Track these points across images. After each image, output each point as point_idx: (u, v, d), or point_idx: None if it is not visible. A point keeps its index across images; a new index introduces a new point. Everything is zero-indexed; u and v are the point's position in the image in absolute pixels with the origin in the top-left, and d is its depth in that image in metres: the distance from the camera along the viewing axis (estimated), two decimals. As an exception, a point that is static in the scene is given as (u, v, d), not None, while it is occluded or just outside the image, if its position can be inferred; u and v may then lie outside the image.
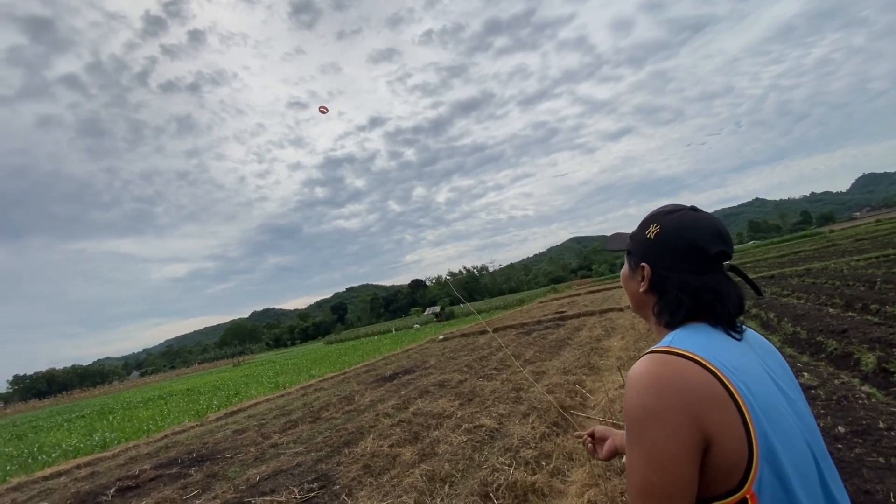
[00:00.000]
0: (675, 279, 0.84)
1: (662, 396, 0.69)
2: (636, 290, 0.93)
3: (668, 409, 0.68)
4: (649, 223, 0.91)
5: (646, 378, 0.72)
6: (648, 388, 0.71)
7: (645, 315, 0.94)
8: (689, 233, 0.84)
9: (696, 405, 0.68)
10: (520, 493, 3.30)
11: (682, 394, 0.69)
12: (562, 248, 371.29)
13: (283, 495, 4.22)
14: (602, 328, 11.49)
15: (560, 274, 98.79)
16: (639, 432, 0.70)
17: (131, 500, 5.26)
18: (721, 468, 0.68)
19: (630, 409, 0.72)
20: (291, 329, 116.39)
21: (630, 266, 0.96)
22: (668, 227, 0.86)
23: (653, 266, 0.88)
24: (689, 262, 0.83)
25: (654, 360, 0.74)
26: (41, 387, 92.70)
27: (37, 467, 8.35)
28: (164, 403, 16.81)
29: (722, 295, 0.81)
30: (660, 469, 0.68)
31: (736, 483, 0.68)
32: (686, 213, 0.87)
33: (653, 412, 0.69)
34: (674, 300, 0.84)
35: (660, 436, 0.68)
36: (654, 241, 0.88)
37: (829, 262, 16.03)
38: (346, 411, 7.75)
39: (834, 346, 5.26)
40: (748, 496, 0.67)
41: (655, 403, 0.69)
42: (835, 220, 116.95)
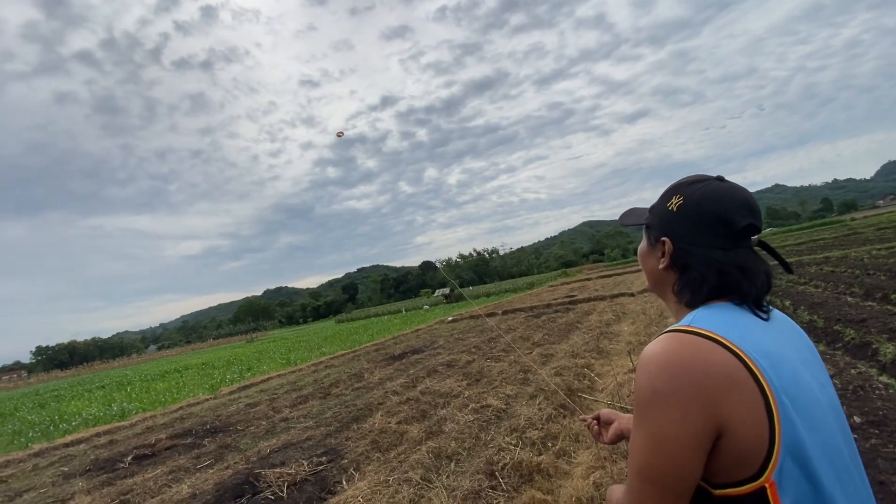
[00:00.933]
0: (698, 254, 0.77)
1: (675, 378, 0.65)
2: (655, 267, 0.86)
3: (678, 393, 0.64)
4: (671, 194, 0.84)
5: (660, 358, 0.68)
6: (661, 368, 0.67)
7: (663, 294, 0.88)
8: (716, 204, 0.77)
9: (711, 389, 0.63)
10: (525, 472, 3.32)
11: (697, 377, 0.64)
12: (574, 233, 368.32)
13: (293, 467, 4.30)
14: (612, 313, 11.41)
15: (571, 258, 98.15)
16: (645, 413, 0.67)
17: (147, 467, 5.43)
18: (737, 455, 0.64)
19: (639, 389, 0.69)
20: (303, 307, 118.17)
21: (649, 241, 0.89)
22: (693, 198, 0.79)
23: (674, 240, 0.81)
24: (714, 236, 0.76)
25: (672, 340, 0.69)
26: (63, 358, 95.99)
27: (58, 434, 8.67)
28: (179, 377, 17.27)
29: (750, 272, 0.75)
30: (661, 453, 0.65)
31: (755, 470, 0.64)
32: (712, 183, 0.80)
33: (662, 394, 0.66)
34: (697, 277, 0.77)
35: (666, 419, 0.65)
36: (677, 213, 0.81)
37: (850, 250, 15.63)
38: (356, 388, 7.86)
39: (851, 335, 5.14)
40: (767, 485, 0.63)
41: (666, 385, 0.65)
42: (857, 208, 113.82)
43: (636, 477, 0.69)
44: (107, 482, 5.11)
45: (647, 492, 0.68)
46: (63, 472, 5.89)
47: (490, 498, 3.05)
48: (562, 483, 3.20)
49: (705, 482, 0.68)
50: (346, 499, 3.45)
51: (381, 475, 3.78)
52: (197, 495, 4.17)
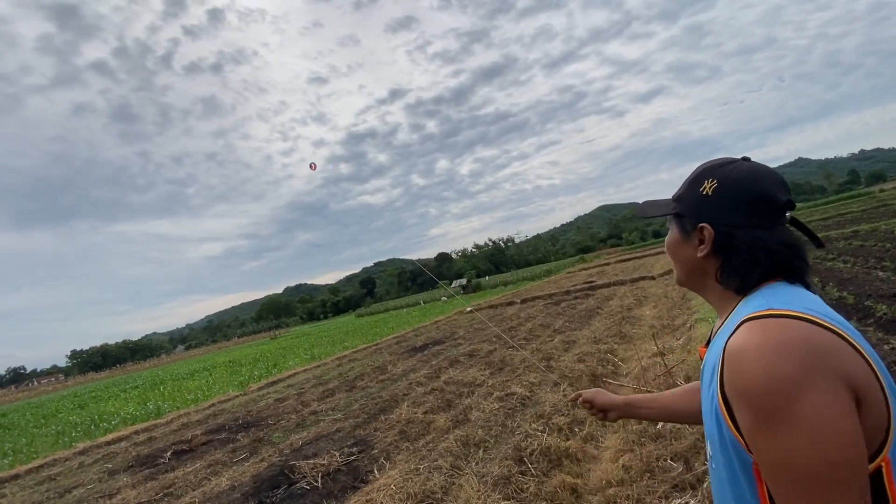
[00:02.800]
0: (744, 236, 0.73)
1: (805, 361, 0.58)
2: (692, 257, 0.81)
3: (819, 374, 0.57)
4: (703, 179, 0.80)
5: (776, 345, 0.60)
6: (785, 354, 0.58)
7: (702, 284, 0.83)
8: (755, 183, 0.74)
9: (842, 365, 0.58)
10: (554, 457, 3.36)
11: (825, 356, 0.58)
12: (590, 217, 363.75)
13: (326, 458, 4.44)
14: (633, 297, 11.31)
15: (588, 243, 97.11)
16: (787, 408, 0.57)
17: (186, 461, 5.66)
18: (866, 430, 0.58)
19: (766, 386, 0.59)
20: (323, 303, 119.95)
21: (681, 231, 0.83)
22: (728, 179, 0.76)
23: (715, 225, 0.76)
24: (758, 216, 0.73)
25: (774, 326, 0.62)
26: (97, 360, 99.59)
27: (99, 433, 9.06)
28: (208, 375, 17.79)
29: (796, 248, 0.73)
30: (840, 444, 0.55)
31: (874, 449, 0.58)
32: (742, 164, 0.78)
33: (801, 380, 0.57)
34: (747, 260, 0.73)
35: (820, 405, 0.56)
36: (714, 197, 0.77)
37: (879, 223, 15.11)
38: (380, 380, 8.00)
39: (883, 310, 5.01)
40: (883, 463, 0.58)
41: (801, 370, 0.57)
42: (886, 179, 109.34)
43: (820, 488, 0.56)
44: (149, 477, 5.35)
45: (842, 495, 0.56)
46: (107, 468, 6.17)
47: (520, 483, 3.11)
48: (591, 467, 3.23)
49: None
50: (379, 486, 3.55)
51: (411, 464, 3.87)
52: (236, 487, 4.34)
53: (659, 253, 32.10)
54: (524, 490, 3.02)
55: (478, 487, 3.14)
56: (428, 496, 3.26)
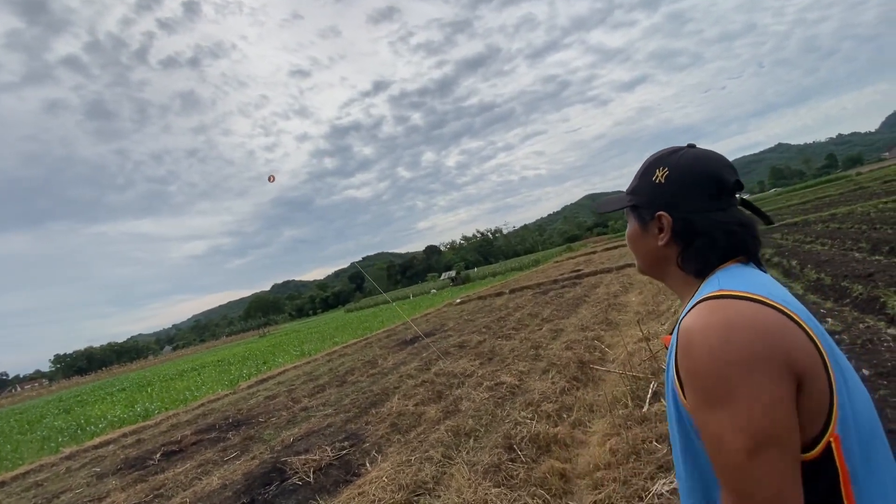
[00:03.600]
0: (701, 220, 0.76)
1: (749, 343, 0.60)
2: (653, 247, 0.83)
3: (759, 357, 0.59)
4: (654, 168, 0.82)
5: (719, 327, 0.62)
6: (728, 337, 0.61)
7: (662, 272, 0.85)
8: (704, 166, 0.77)
9: (784, 347, 0.60)
10: (542, 444, 3.41)
11: (768, 337, 0.60)
12: (576, 206, 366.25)
13: (317, 454, 4.44)
14: (619, 284, 11.46)
15: (575, 232, 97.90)
16: (729, 389, 0.60)
17: (176, 462, 5.62)
18: (808, 412, 0.61)
19: (709, 366, 0.61)
20: (312, 299, 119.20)
21: (639, 222, 0.85)
22: (679, 165, 0.79)
23: (672, 212, 0.78)
24: (710, 198, 0.76)
25: (721, 307, 0.64)
26: (81, 364, 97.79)
27: (86, 437, 8.93)
28: (197, 374, 17.60)
29: (750, 227, 0.76)
30: (772, 421, 0.58)
31: (819, 428, 0.61)
32: (688, 151, 0.81)
33: (744, 363, 0.59)
34: (706, 243, 0.76)
35: (760, 387, 0.59)
36: (667, 183, 0.79)
37: (856, 205, 15.49)
38: (371, 374, 8.01)
39: (859, 290, 5.15)
40: (832, 439, 0.60)
41: (743, 353, 0.60)
42: (863, 163, 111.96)
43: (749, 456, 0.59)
44: (139, 479, 5.30)
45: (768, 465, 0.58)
46: (96, 472, 6.10)
47: (510, 470, 3.15)
48: (579, 452, 3.29)
49: None
50: (371, 479, 3.57)
51: (402, 455, 3.89)
52: (227, 485, 4.33)
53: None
54: (514, 477, 3.06)
55: (468, 476, 3.18)
56: (420, 487, 3.29)
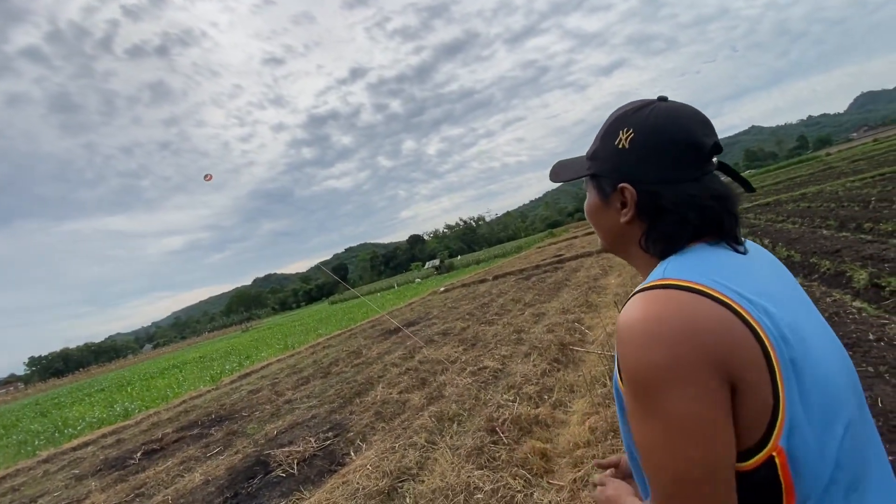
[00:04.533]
0: (670, 193, 0.63)
1: (675, 346, 0.52)
2: (615, 222, 0.70)
3: (686, 363, 0.51)
4: (617, 129, 0.68)
5: (648, 325, 0.54)
6: (653, 338, 0.53)
7: (625, 251, 0.73)
8: (676, 126, 0.63)
9: (717, 348, 0.52)
10: (524, 425, 3.46)
11: (699, 337, 0.52)
12: (558, 192, 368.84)
13: (301, 445, 4.42)
14: (599, 267, 11.62)
15: (557, 218, 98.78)
16: (653, 398, 0.53)
17: (158, 460, 5.53)
18: (744, 419, 0.53)
19: (634, 370, 0.54)
20: (295, 292, 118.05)
21: (599, 194, 0.72)
22: (645, 126, 0.64)
23: (636, 184, 0.65)
24: (683, 167, 0.63)
25: (652, 301, 0.56)
26: (58, 366, 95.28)
27: (64, 440, 8.71)
28: (178, 372, 17.31)
29: (727, 199, 0.64)
30: (699, 440, 0.51)
31: (759, 437, 0.53)
32: (658, 106, 0.66)
33: (668, 369, 0.52)
34: (675, 220, 0.63)
35: (685, 398, 0.51)
36: (632, 149, 0.65)
37: (825, 185, 15.99)
38: (355, 364, 7.99)
39: (827, 266, 5.33)
40: (774, 453, 0.52)
41: (668, 357, 0.52)
42: (832, 143, 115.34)
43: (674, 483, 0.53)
44: (119, 479, 5.20)
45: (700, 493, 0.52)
46: (74, 474, 5.96)
47: (492, 452, 3.19)
48: (559, 431, 3.35)
49: None
50: (356, 467, 3.57)
51: (387, 443, 3.90)
52: (210, 481, 4.28)
53: (624, 224, 32.99)
54: (496, 458, 3.10)
55: (452, 460, 3.21)
56: (404, 472, 3.31)
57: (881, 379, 2.76)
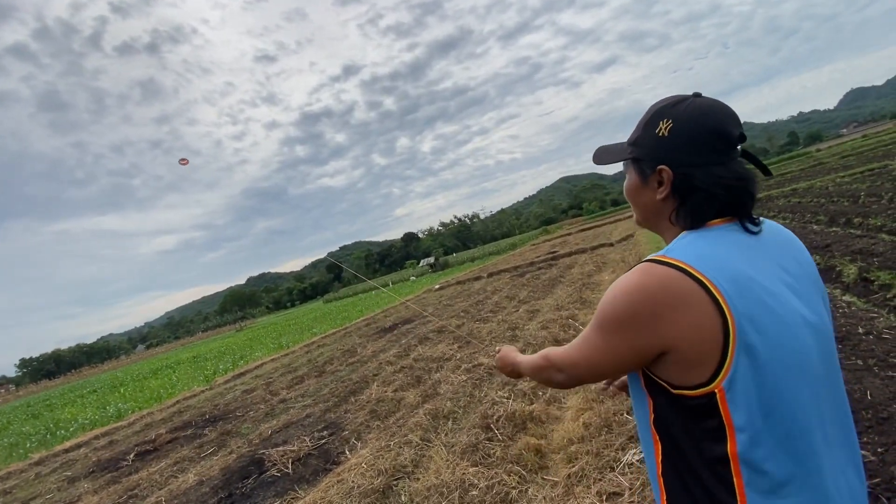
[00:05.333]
0: (702, 175, 0.77)
1: (632, 305, 0.72)
2: (652, 199, 0.85)
3: (632, 318, 0.72)
4: (658, 120, 0.81)
5: (626, 287, 0.74)
6: (624, 295, 0.73)
7: (658, 225, 0.89)
8: (709, 119, 0.77)
9: (661, 313, 0.70)
10: (518, 421, 3.47)
11: (650, 303, 0.70)
12: (552, 189, 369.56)
13: (296, 444, 4.41)
14: (593, 264, 11.67)
15: (551, 215, 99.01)
16: (602, 326, 0.77)
17: (151, 462, 5.49)
18: (684, 365, 0.71)
19: (605, 309, 0.76)
20: (290, 291, 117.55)
21: (640, 175, 0.86)
22: (683, 118, 0.78)
23: (673, 166, 0.79)
24: (713, 152, 0.77)
25: (640, 272, 0.74)
26: (49, 367, 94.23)
27: (56, 442, 8.64)
28: (172, 372, 17.19)
29: (751, 181, 0.77)
30: (612, 364, 0.78)
31: (704, 379, 0.69)
32: (694, 101, 0.80)
33: (619, 318, 0.74)
34: (705, 198, 0.77)
35: (618, 338, 0.75)
36: (671, 137, 0.79)
37: (815, 180, 16.13)
38: (350, 363, 7.97)
39: (817, 260, 5.38)
40: (716, 390, 0.69)
41: (624, 311, 0.73)
42: (822, 139, 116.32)
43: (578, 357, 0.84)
44: (112, 481, 5.16)
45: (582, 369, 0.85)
46: (67, 476, 5.91)
47: (487, 449, 3.19)
48: (553, 427, 3.36)
49: (665, 382, 0.74)
50: (351, 466, 3.57)
51: (381, 441, 3.90)
52: (204, 482, 4.26)
53: (617, 221, 33.14)
54: (491, 455, 3.10)
55: (447, 457, 3.21)
56: (399, 470, 3.31)
57: (870, 372, 2.79)
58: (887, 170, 13.19)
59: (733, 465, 0.69)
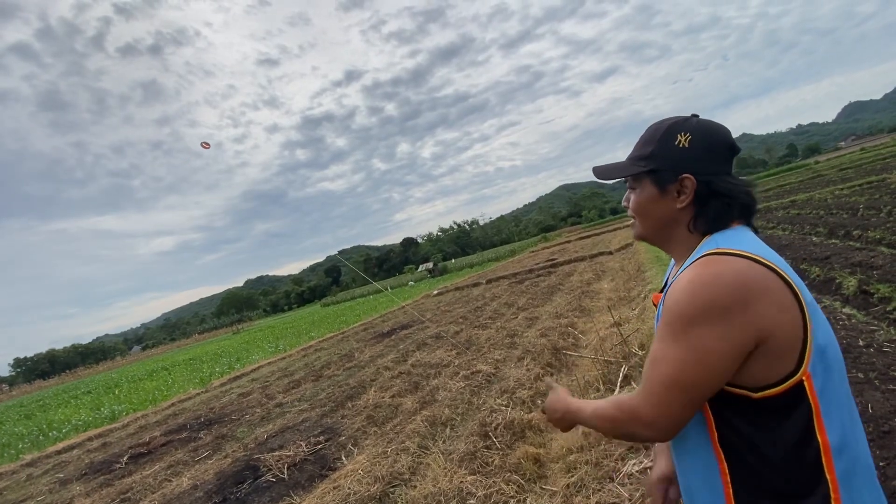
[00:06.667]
0: (721, 182, 0.82)
1: (720, 296, 0.70)
2: (670, 209, 0.86)
3: (723, 308, 0.70)
4: (675, 133, 0.85)
5: (704, 278, 0.72)
6: (707, 286, 0.71)
7: (669, 234, 0.89)
8: (720, 132, 0.84)
9: (752, 301, 0.69)
10: (517, 430, 3.45)
11: (740, 291, 0.70)
12: (551, 197, 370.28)
13: (291, 449, 4.37)
14: (592, 272, 11.67)
15: (550, 223, 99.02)
16: (688, 329, 0.72)
17: (145, 465, 5.44)
18: (776, 355, 0.70)
19: (681, 306, 0.73)
20: (287, 294, 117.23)
21: (657, 186, 0.87)
22: (699, 131, 0.84)
23: (697, 174, 0.82)
24: (725, 163, 0.84)
25: (716, 262, 0.73)
26: (44, 367, 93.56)
27: (48, 443, 8.56)
28: (167, 374, 17.09)
29: (754, 189, 0.85)
30: (703, 365, 0.71)
31: (791, 368, 0.70)
32: (700, 119, 0.87)
33: (708, 310, 0.70)
34: (724, 203, 0.82)
35: (712, 334, 0.70)
36: (692, 148, 0.83)
37: (814, 192, 16.20)
38: (347, 368, 7.93)
39: (817, 272, 5.39)
40: (804, 378, 0.70)
41: (712, 302, 0.70)
42: (820, 151, 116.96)
43: (666, 387, 0.74)
44: (105, 483, 5.11)
45: (676, 399, 0.74)
46: (59, 478, 5.85)
47: (485, 457, 3.17)
48: (552, 436, 3.33)
49: (744, 389, 0.73)
50: (347, 472, 3.53)
51: (378, 447, 3.87)
52: (198, 486, 4.21)
53: (616, 229, 33.19)
54: (489, 464, 3.08)
55: (444, 465, 3.18)
56: (396, 478, 3.28)
57: (871, 385, 2.78)
58: (885, 183, 13.25)
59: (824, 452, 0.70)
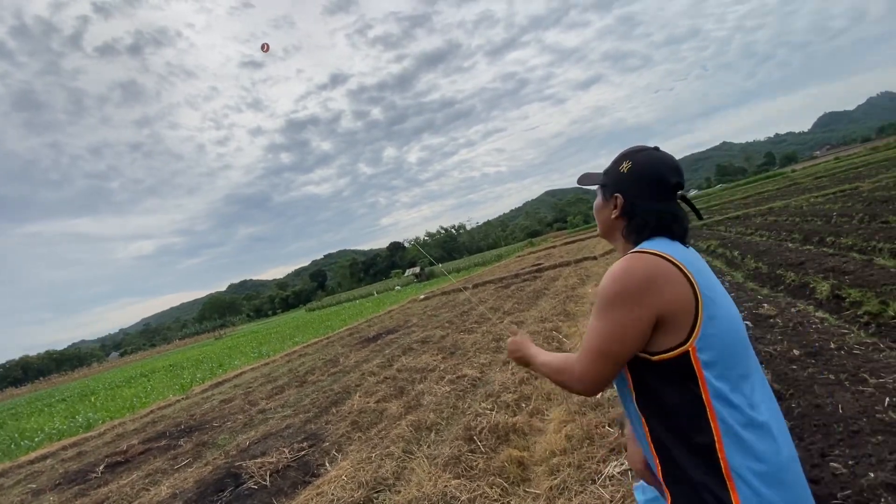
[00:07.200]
0: (642, 205, 1.08)
1: (631, 283, 0.95)
2: (609, 217, 1.15)
3: (634, 293, 0.94)
4: (622, 160, 1.12)
5: (622, 269, 0.97)
6: (622, 275, 0.96)
7: (613, 237, 1.18)
8: (655, 168, 1.08)
9: (656, 287, 0.93)
10: (502, 433, 3.46)
11: (647, 280, 0.94)
12: (537, 202, 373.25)
13: (274, 456, 4.31)
14: (577, 277, 11.79)
15: (536, 228, 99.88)
16: (608, 309, 0.97)
17: (122, 474, 5.30)
18: (672, 328, 0.93)
19: (605, 291, 0.98)
20: (271, 299, 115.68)
21: (604, 197, 1.17)
22: (639, 163, 1.09)
23: (625, 196, 1.10)
24: (654, 192, 1.07)
25: (630, 258, 0.99)
26: (16, 374, 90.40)
27: (20, 452, 8.28)
28: (146, 381, 16.69)
29: (678, 217, 1.08)
30: (619, 339, 0.95)
31: (682, 339, 0.93)
32: (651, 152, 1.11)
33: (621, 295, 0.95)
34: (641, 222, 1.07)
35: (625, 315, 0.94)
36: (627, 174, 1.10)
37: (791, 200, 16.65)
38: (332, 373, 7.86)
39: (792, 277, 5.54)
40: (690, 348, 0.92)
41: (625, 288, 0.95)
42: (797, 160, 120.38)
43: (592, 353, 0.98)
44: (80, 493, 4.96)
45: (599, 363, 0.98)
46: (31, 489, 5.66)
47: (469, 461, 3.17)
48: (536, 439, 3.36)
49: (647, 353, 0.96)
50: (331, 479, 3.50)
51: (363, 453, 3.84)
52: (177, 494, 4.12)
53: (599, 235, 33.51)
54: (474, 468, 3.09)
55: (429, 469, 3.18)
56: (380, 483, 3.26)
57: (841, 386, 2.87)
58: (858, 191, 13.70)
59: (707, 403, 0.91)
